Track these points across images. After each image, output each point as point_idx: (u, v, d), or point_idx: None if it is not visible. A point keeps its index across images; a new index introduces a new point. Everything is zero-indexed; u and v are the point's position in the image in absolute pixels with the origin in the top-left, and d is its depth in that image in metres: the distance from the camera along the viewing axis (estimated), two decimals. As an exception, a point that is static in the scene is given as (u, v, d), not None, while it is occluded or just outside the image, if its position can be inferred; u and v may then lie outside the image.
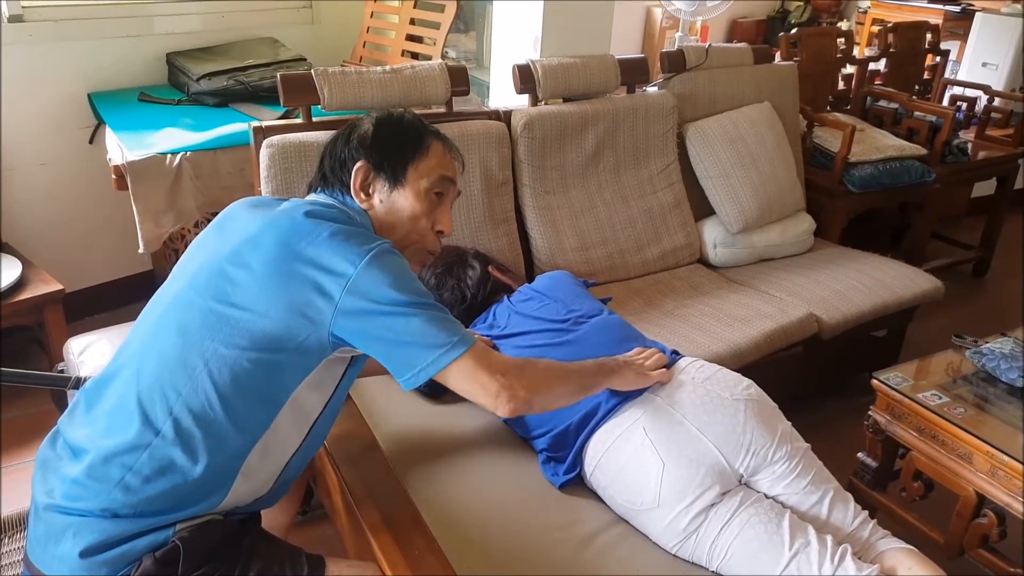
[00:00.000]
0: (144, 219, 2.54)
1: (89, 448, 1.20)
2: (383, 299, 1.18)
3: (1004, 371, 1.99)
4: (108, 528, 1.17)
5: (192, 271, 1.30)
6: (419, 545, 1.46)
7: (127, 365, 1.26)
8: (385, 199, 1.39)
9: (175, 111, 2.90)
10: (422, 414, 1.88)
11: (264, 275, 1.21)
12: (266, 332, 1.20)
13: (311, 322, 1.20)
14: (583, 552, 1.50)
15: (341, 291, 1.18)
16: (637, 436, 1.54)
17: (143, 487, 1.17)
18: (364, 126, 1.43)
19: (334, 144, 1.44)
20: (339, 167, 1.39)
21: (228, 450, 1.22)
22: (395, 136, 1.41)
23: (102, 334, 2.04)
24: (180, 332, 1.23)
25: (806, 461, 1.56)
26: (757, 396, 1.60)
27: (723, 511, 1.47)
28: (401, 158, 1.40)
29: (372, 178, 1.39)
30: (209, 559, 1.22)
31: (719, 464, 1.50)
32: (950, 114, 3.60)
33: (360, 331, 1.20)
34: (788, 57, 3.58)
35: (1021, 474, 1.69)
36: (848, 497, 1.58)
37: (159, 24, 3.12)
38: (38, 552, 1.21)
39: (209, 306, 1.22)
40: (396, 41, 3.44)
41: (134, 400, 1.21)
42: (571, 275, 2.07)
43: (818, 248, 3.08)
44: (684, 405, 1.56)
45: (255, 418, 1.24)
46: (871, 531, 1.54)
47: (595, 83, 2.67)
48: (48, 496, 1.21)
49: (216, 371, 1.19)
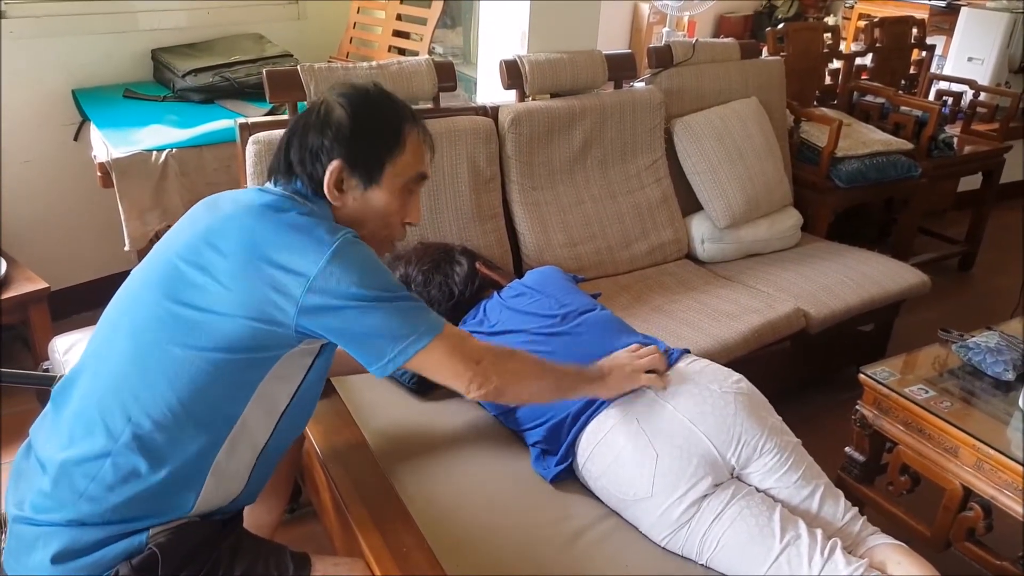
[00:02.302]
0: (130, 216, 2.53)
1: (53, 458, 1.19)
2: (346, 295, 1.16)
3: (990, 365, 1.99)
4: (77, 535, 1.16)
5: (146, 272, 1.27)
6: (407, 542, 1.46)
7: (85, 370, 1.24)
8: (358, 197, 1.32)
9: (160, 108, 2.89)
10: (410, 411, 1.88)
11: (225, 277, 1.18)
12: (228, 333, 1.17)
13: (274, 321, 1.17)
14: (572, 548, 1.50)
15: (303, 289, 1.15)
16: (631, 427, 1.55)
17: (107, 495, 1.15)
18: (337, 113, 1.29)
19: (304, 131, 1.30)
20: (310, 160, 1.29)
21: (192, 452, 1.19)
22: (373, 130, 1.31)
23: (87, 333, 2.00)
24: (134, 335, 1.21)
25: (797, 455, 1.57)
26: (747, 390, 1.62)
27: (715, 503, 1.47)
28: (377, 157, 1.31)
29: (346, 176, 1.30)
30: (189, 562, 1.20)
31: (711, 455, 1.51)
32: (936, 109, 3.61)
33: (325, 326, 1.18)
34: (775, 52, 3.59)
35: (1006, 467, 1.70)
36: (839, 493, 1.58)
37: (144, 20, 3.09)
38: (12, 564, 1.20)
39: (165, 307, 1.19)
40: (383, 37, 3.43)
41: (93, 407, 1.19)
42: (561, 271, 2.07)
43: (805, 243, 3.08)
44: (676, 397, 1.57)
45: (218, 417, 1.21)
46: (861, 526, 1.55)
47: (582, 79, 2.66)
48: (18, 508, 1.20)
49: (174, 374, 1.17)
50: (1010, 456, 1.70)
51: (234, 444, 1.24)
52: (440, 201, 2.35)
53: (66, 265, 3.04)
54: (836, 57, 3.96)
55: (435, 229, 2.34)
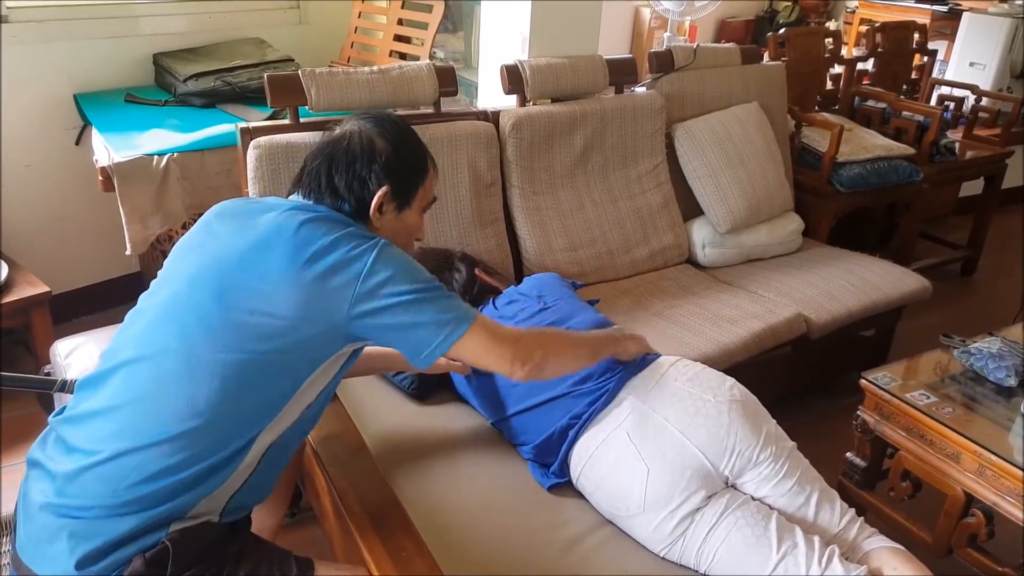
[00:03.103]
0: (131, 221, 2.53)
1: (89, 448, 1.20)
2: (393, 292, 1.26)
3: (992, 370, 1.99)
4: (106, 529, 1.16)
5: (191, 275, 1.30)
6: (407, 547, 1.46)
7: (124, 367, 1.26)
8: (392, 219, 1.45)
9: (162, 112, 2.89)
10: (410, 415, 1.88)
11: (276, 283, 1.24)
12: (280, 335, 1.23)
13: (326, 324, 1.25)
14: (570, 554, 1.50)
15: (353, 291, 1.24)
16: (620, 441, 1.54)
17: (146, 485, 1.18)
18: (380, 145, 1.42)
19: (350, 160, 1.41)
20: (359, 187, 1.40)
21: (234, 445, 1.24)
22: (411, 161, 1.46)
23: (89, 336, 2.02)
24: (184, 336, 1.24)
25: (792, 462, 1.56)
26: (741, 396, 1.59)
27: (709, 515, 1.47)
28: (413, 184, 1.47)
29: (386, 201, 1.42)
30: (198, 561, 1.21)
31: (704, 467, 1.49)
32: (938, 114, 3.61)
33: (375, 326, 1.27)
34: (776, 57, 3.59)
35: (1008, 474, 1.69)
36: (835, 497, 1.58)
37: (145, 24, 3.10)
38: (30, 552, 1.20)
39: (214, 311, 1.24)
40: (384, 41, 3.43)
41: (136, 402, 1.21)
42: (559, 277, 2.06)
43: (806, 248, 3.08)
44: (667, 408, 1.55)
45: (261, 412, 1.26)
46: (858, 530, 1.54)
47: (583, 83, 2.66)
48: (43, 495, 1.21)
49: (220, 374, 1.21)
50: (1012, 462, 1.70)
51: (267, 435, 1.29)
52: (441, 206, 2.35)
53: (67, 269, 3.05)
54: (837, 62, 3.96)
55: (436, 234, 2.34)
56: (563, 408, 1.64)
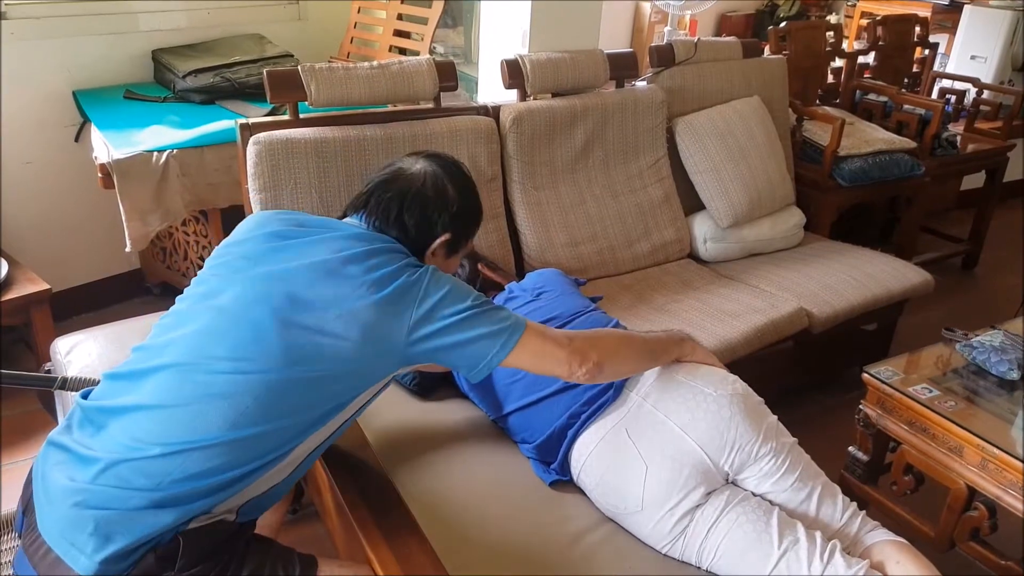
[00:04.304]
0: (131, 218, 2.53)
1: (131, 443, 1.20)
2: (447, 313, 1.30)
3: (994, 364, 1.99)
4: (144, 522, 1.16)
5: (248, 289, 1.30)
6: (409, 544, 1.45)
7: (169, 369, 1.25)
8: (440, 260, 1.51)
9: (161, 108, 2.89)
10: (412, 412, 1.88)
11: (344, 304, 1.27)
12: (338, 357, 1.26)
13: (384, 347, 1.28)
14: (574, 549, 1.50)
15: (411, 315, 1.29)
16: (620, 438, 1.54)
17: (188, 481, 1.18)
18: (451, 194, 1.48)
19: (423, 203, 1.45)
20: (427, 229, 1.46)
21: (275, 453, 1.26)
22: (473, 215, 1.55)
23: (89, 334, 2.02)
24: (236, 349, 1.24)
25: (793, 457, 1.55)
26: (742, 391, 1.59)
27: (709, 512, 1.46)
28: (467, 235, 1.55)
29: (443, 246, 1.49)
30: (206, 558, 1.22)
31: (703, 463, 1.49)
32: (939, 107, 3.60)
33: (433, 348, 1.31)
34: (777, 51, 3.58)
35: (1011, 467, 1.69)
36: (836, 491, 1.57)
37: (144, 21, 3.09)
38: (55, 535, 1.18)
39: (271, 328, 1.25)
40: (384, 37, 3.42)
41: (183, 406, 1.21)
42: (561, 273, 2.05)
43: (808, 242, 3.08)
44: (667, 403, 1.55)
45: (306, 423, 1.28)
46: (860, 524, 1.53)
47: (584, 78, 2.66)
48: (70, 480, 1.20)
49: (268, 390, 1.22)
50: (1014, 455, 1.69)
51: (305, 445, 1.31)
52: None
53: (67, 266, 3.05)
54: (839, 56, 3.95)
55: (437, 229, 2.33)
56: (562, 405, 1.63)
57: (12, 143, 2.86)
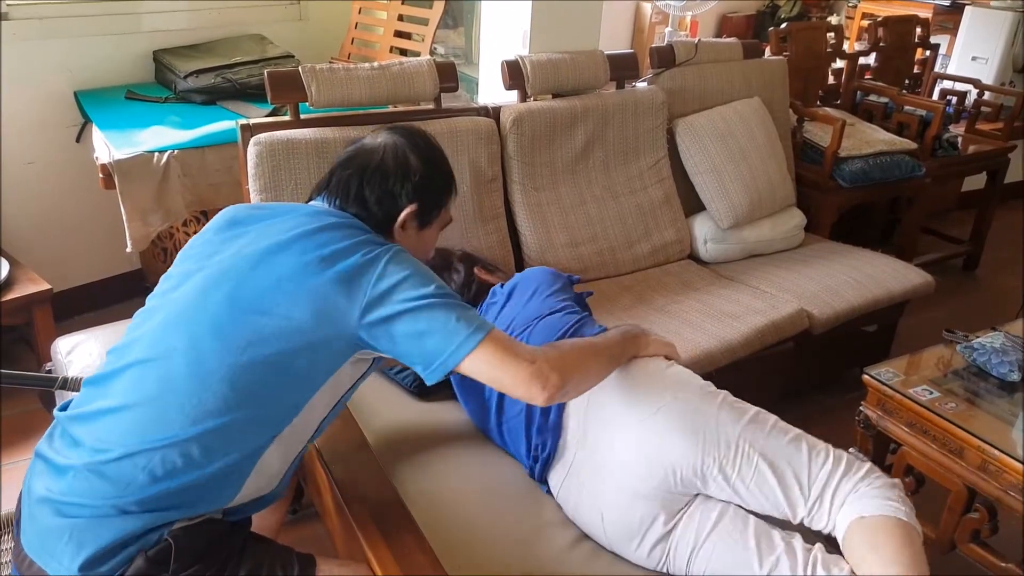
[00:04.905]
0: (132, 218, 2.53)
1: (96, 446, 1.19)
2: (405, 298, 1.23)
3: (995, 365, 1.99)
4: (110, 529, 1.15)
5: (205, 277, 1.29)
6: (409, 544, 1.45)
7: (134, 367, 1.25)
8: (412, 235, 1.46)
9: (162, 109, 2.89)
10: (412, 412, 1.88)
11: (288, 285, 1.23)
12: (289, 337, 1.22)
13: (336, 329, 1.23)
14: (573, 552, 1.50)
15: (365, 295, 1.23)
16: (574, 483, 1.55)
17: (153, 485, 1.17)
18: (413, 162, 1.43)
19: (383, 175, 1.41)
20: (389, 202, 1.41)
21: (244, 450, 1.22)
22: (440, 182, 1.49)
23: (90, 334, 2.02)
24: (192, 338, 1.23)
25: (742, 463, 1.41)
26: (670, 400, 1.48)
27: (688, 535, 1.44)
28: (439, 205, 1.49)
29: (410, 218, 1.43)
30: (200, 559, 1.21)
31: (653, 493, 1.44)
32: (940, 108, 3.60)
33: (385, 333, 1.24)
34: (778, 52, 3.58)
35: (1011, 469, 1.69)
36: (795, 495, 1.40)
37: (146, 21, 3.09)
38: (36, 545, 1.19)
39: (226, 312, 1.23)
40: (384, 38, 3.43)
41: (146, 403, 1.20)
42: (552, 272, 1.97)
43: (808, 243, 3.07)
44: (604, 445, 1.50)
45: (273, 418, 1.25)
46: (829, 510, 1.39)
47: (584, 79, 2.66)
48: (47, 490, 1.20)
49: (232, 377, 1.20)
50: (1015, 457, 1.69)
51: (279, 444, 1.27)
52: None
53: (69, 266, 3.05)
54: (839, 56, 3.95)
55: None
56: (522, 434, 1.64)
57: (14, 143, 2.86)
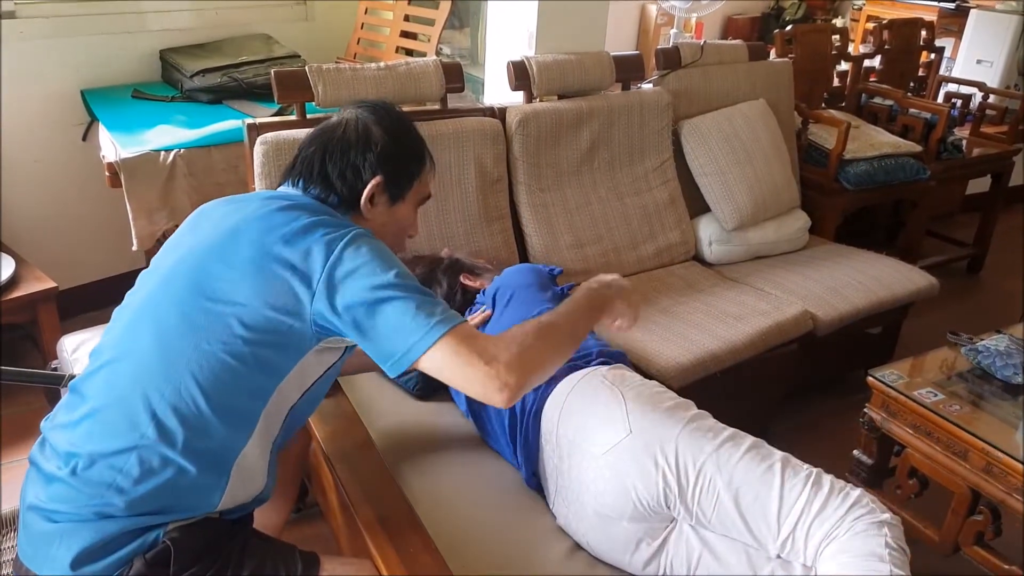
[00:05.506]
0: (138, 216, 2.53)
1: (73, 451, 1.19)
2: (362, 285, 1.18)
3: (999, 368, 1.99)
4: (99, 529, 1.15)
5: (167, 270, 1.29)
6: (414, 543, 1.46)
7: (105, 366, 1.25)
8: (384, 212, 1.41)
9: (169, 108, 2.89)
10: (416, 411, 1.88)
11: (244, 270, 1.21)
12: (248, 326, 1.19)
13: (292, 315, 1.20)
14: (577, 554, 1.51)
15: (317, 282, 1.19)
16: (561, 502, 1.54)
17: (134, 488, 1.16)
18: (376, 133, 1.38)
19: (344, 148, 1.37)
20: (352, 175, 1.36)
21: (218, 447, 1.21)
22: (407, 152, 1.42)
23: (95, 332, 2.03)
24: (159, 331, 1.22)
25: (701, 495, 1.35)
26: (627, 433, 1.41)
27: (680, 550, 1.43)
28: (408, 176, 1.42)
29: (379, 192, 1.38)
30: (201, 558, 1.20)
31: (631, 517, 1.42)
32: (945, 111, 3.60)
33: (340, 321, 1.19)
34: (783, 54, 3.58)
35: (1015, 471, 1.69)
36: (761, 530, 1.32)
37: (152, 20, 3.10)
38: (29, 553, 1.20)
39: (188, 302, 1.22)
40: (390, 38, 3.43)
41: (117, 402, 1.20)
42: (531, 268, 1.95)
43: (813, 245, 3.08)
44: (572, 483, 1.49)
45: (242, 413, 1.23)
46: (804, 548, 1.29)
47: (590, 80, 2.66)
48: (36, 498, 1.20)
49: (198, 368, 1.18)
50: (1019, 460, 1.69)
51: (257, 440, 1.26)
52: (447, 202, 2.35)
53: (74, 265, 3.05)
54: (844, 59, 3.95)
55: (442, 230, 2.34)
56: (509, 451, 1.65)
57: (20, 141, 2.87)
